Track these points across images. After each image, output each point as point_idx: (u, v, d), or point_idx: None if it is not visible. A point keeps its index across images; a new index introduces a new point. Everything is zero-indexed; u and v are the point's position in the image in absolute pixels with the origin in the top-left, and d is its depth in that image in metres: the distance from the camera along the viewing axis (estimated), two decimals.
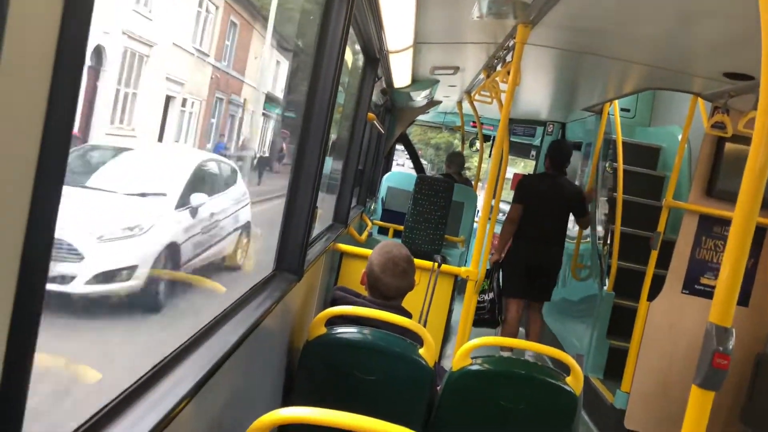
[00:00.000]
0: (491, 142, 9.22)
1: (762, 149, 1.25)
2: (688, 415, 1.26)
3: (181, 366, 1.23)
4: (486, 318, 4.99)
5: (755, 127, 1.24)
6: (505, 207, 10.44)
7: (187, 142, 3.24)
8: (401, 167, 18.50)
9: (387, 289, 2.48)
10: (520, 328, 5.50)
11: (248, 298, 1.78)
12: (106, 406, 1.02)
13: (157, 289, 2.71)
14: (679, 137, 4.40)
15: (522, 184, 5.34)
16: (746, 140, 4.07)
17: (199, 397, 1.20)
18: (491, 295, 5.03)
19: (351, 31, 2.86)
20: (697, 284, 4.11)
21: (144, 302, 2.54)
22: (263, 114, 4.58)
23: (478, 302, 4.93)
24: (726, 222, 4.10)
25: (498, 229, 5.83)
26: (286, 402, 2.20)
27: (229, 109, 3.60)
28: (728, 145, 4.06)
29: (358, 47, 3.84)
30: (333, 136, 6.45)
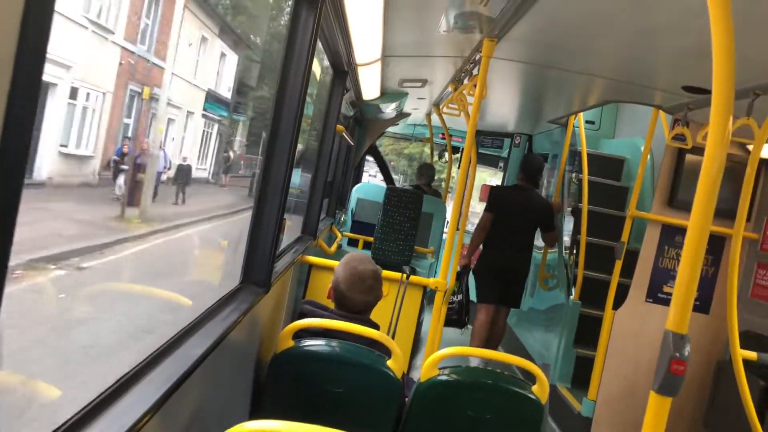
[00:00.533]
0: (460, 153, 9.31)
1: (715, 160, 1.29)
2: (646, 421, 1.29)
3: (145, 379, 1.22)
4: (454, 319, 5.11)
5: (707, 139, 1.29)
6: (474, 219, 10.55)
7: (85, 146, 2.38)
8: (373, 178, 18.50)
9: (354, 304, 2.48)
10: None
11: (215, 311, 1.76)
12: (67, 421, 1.00)
13: None
14: (642, 149, 4.51)
15: (494, 194, 5.50)
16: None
17: (163, 411, 1.18)
18: (460, 296, 5.13)
19: (319, 44, 2.88)
20: (660, 293, 4.20)
21: None
22: (204, 116, 3.97)
23: (453, 307, 5.05)
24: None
25: (467, 239, 5.90)
26: (254, 415, 2.19)
27: (150, 107, 2.86)
28: (689, 157, 4.17)
29: (326, 60, 3.85)
30: (301, 147, 6.44)
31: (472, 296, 5.36)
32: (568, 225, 5.71)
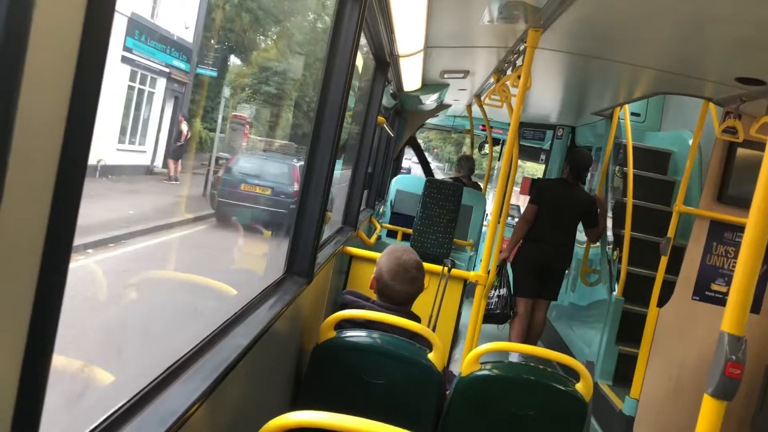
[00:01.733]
0: (500, 145, 9.21)
1: None
2: (699, 425, 1.25)
3: (193, 369, 1.24)
4: (497, 313, 5.08)
5: None
6: (513, 212, 10.38)
7: None
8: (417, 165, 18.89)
9: (396, 294, 2.48)
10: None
11: (259, 301, 1.78)
12: (119, 408, 1.03)
13: None
14: (690, 142, 4.39)
15: (539, 186, 5.45)
16: (758, 145, 4.04)
17: (211, 400, 1.20)
18: (503, 291, 5.09)
19: (362, 34, 2.87)
20: (707, 291, 4.09)
21: None
22: (129, 61, 2.71)
23: (489, 298, 5.02)
24: (737, 228, 4.07)
25: (507, 232, 5.84)
26: (296, 405, 2.21)
27: None
28: (740, 151, 4.03)
29: (368, 50, 3.85)
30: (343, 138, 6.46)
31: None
32: (611, 219, 5.60)
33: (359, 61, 4.68)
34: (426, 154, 9.57)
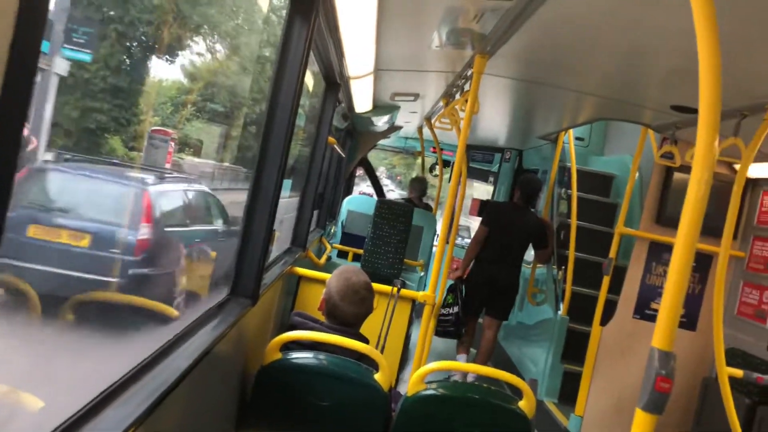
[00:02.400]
0: (450, 167, 9.34)
1: (701, 178, 1.31)
2: None
3: (129, 392, 1.21)
4: (450, 330, 5.16)
5: (694, 158, 1.30)
6: (462, 233, 10.50)
7: None
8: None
9: (346, 316, 2.47)
10: (471, 349, 5.65)
11: (201, 323, 1.75)
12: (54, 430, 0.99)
13: None
14: (631, 166, 4.55)
15: (490, 209, 5.58)
16: None
17: (147, 425, 1.17)
18: (456, 308, 5.18)
19: (312, 56, 2.89)
20: (647, 309, 4.22)
21: None
22: None
23: (444, 315, 5.11)
24: None
25: (456, 253, 5.91)
26: (240, 429, 2.17)
27: None
28: (677, 175, 4.21)
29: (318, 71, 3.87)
30: (292, 158, 6.41)
31: None
32: (556, 241, 5.74)
33: (311, 81, 4.69)
34: (390, 181, 9.55)
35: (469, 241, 6.61)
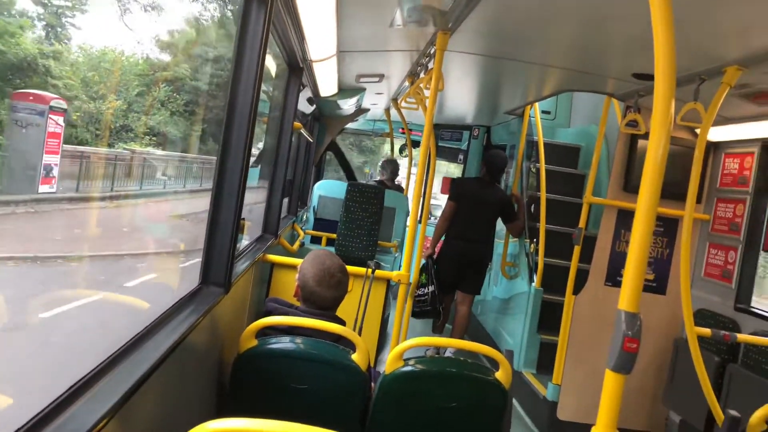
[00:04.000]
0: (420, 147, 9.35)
1: (660, 142, 1.33)
2: (603, 398, 1.32)
3: (101, 383, 1.20)
4: (428, 310, 5.21)
5: (652, 122, 1.33)
6: (436, 212, 10.56)
7: None
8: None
9: (323, 300, 2.48)
10: (447, 325, 5.74)
11: (173, 313, 1.74)
12: (20, 428, 0.98)
13: None
14: (597, 136, 4.61)
15: (456, 184, 5.61)
16: None
17: (121, 415, 1.16)
18: (431, 287, 5.22)
19: (272, 40, 2.85)
20: (618, 276, 4.30)
21: None
22: None
23: (419, 295, 5.16)
24: None
25: (430, 232, 5.95)
26: (220, 416, 2.16)
27: None
28: (641, 142, 4.27)
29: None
30: (259, 146, 6.34)
31: None
32: (527, 214, 5.80)
33: (274, 66, 4.63)
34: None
35: None
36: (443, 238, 5.53)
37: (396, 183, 7.57)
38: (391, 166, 7.52)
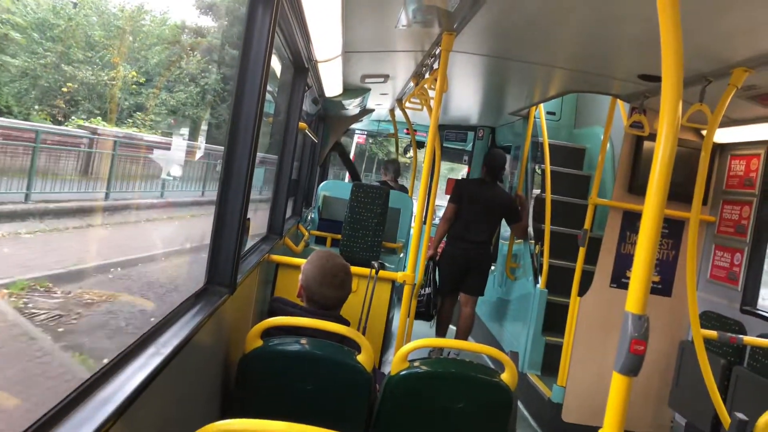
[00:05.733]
0: (425, 148, 9.34)
1: (667, 144, 1.32)
2: (610, 400, 1.32)
3: (107, 386, 1.19)
4: (422, 311, 5.23)
5: (659, 123, 1.32)
6: (440, 212, 10.57)
7: None
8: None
9: (326, 300, 2.48)
10: (451, 326, 5.74)
11: (178, 314, 1.74)
12: (26, 429, 0.98)
13: None
14: (602, 137, 4.60)
15: (458, 185, 5.60)
16: None
17: (127, 417, 1.16)
18: (428, 289, 5.23)
19: (278, 41, 2.85)
20: (623, 278, 4.29)
21: None
22: None
23: (422, 300, 5.17)
24: None
25: (434, 232, 5.95)
26: (225, 417, 2.16)
27: None
28: (647, 144, 4.26)
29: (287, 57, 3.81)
30: (264, 146, 6.33)
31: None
32: (532, 215, 5.79)
33: (278, 66, 4.64)
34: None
35: None
36: (445, 239, 5.55)
37: (399, 183, 7.57)
38: (394, 166, 7.53)
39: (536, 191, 5.86)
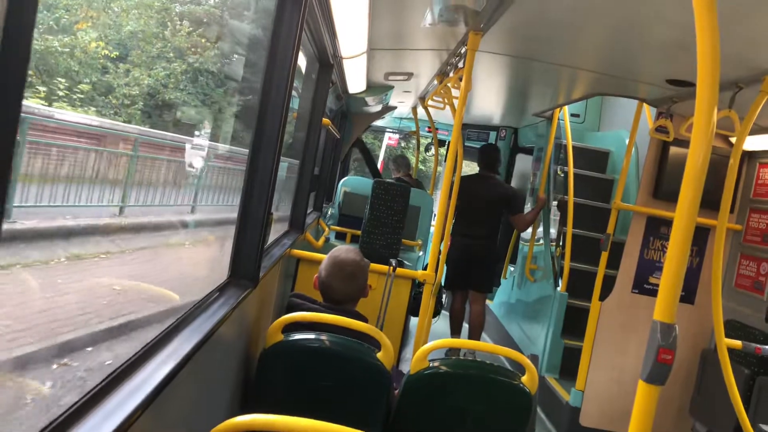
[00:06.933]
0: (446, 147, 9.32)
1: (700, 151, 1.30)
2: (635, 409, 1.30)
3: (136, 375, 1.21)
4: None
5: (692, 131, 1.30)
6: None
7: None
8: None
9: (334, 293, 2.49)
10: (464, 323, 5.76)
11: (202, 307, 1.75)
12: (56, 418, 0.99)
13: None
14: (627, 141, 4.54)
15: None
16: (689, 144, 4.24)
17: (154, 407, 1.18)
18: None
19: (304, 36, 2.86)
20: (646, 284, 4.24)
21: None
22: None
23: (420, 292, 5.19)
24: (672, 223, 4.25)
25: None
26: (244, 411, 2.18)
27: None
28: (673, 149, 4.21)
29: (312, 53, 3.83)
30: (287, 141, 6.36)
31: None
32: (554, 217, 5.75)
33: (303, 62, 4.65)
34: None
35: None
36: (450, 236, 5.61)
37: (415, 179, 7.54)
38: (404, 161, 7.49)
39: (558, 195, 5.82)
